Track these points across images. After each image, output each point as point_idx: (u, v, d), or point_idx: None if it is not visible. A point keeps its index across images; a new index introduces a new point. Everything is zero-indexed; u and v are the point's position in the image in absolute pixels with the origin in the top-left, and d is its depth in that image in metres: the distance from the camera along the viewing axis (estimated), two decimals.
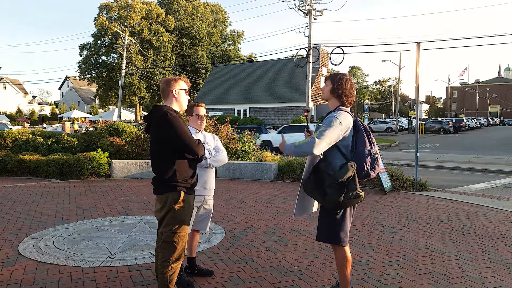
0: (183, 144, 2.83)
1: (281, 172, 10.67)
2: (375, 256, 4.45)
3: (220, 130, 12.04)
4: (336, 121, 2.96)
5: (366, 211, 6.65)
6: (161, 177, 2.90)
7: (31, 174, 10.72)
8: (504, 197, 8.39)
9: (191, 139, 2.86)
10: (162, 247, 2.93)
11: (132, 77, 44.44)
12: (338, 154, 3.02)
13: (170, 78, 3.10)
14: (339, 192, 2.94)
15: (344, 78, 3.13)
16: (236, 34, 62.95)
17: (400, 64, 41.60)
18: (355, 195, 2.96)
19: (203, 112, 3.64)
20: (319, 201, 3.08)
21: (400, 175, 9.13)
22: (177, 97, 3.04)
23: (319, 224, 3.18)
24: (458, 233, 5.41)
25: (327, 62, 36.05)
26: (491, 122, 63.42)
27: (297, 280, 3.74)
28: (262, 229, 5.50)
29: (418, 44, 9.23)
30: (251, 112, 36.89)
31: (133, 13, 46.85)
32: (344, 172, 2.92)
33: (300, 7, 24.55)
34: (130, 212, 6.44)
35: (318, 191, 3.03)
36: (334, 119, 2.97)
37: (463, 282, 3.74)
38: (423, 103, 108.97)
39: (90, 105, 67.36)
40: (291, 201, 7.45)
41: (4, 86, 62.52)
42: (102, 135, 12.36)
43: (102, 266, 4.00)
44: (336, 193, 2.94)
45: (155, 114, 2.92)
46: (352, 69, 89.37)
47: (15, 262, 4.14)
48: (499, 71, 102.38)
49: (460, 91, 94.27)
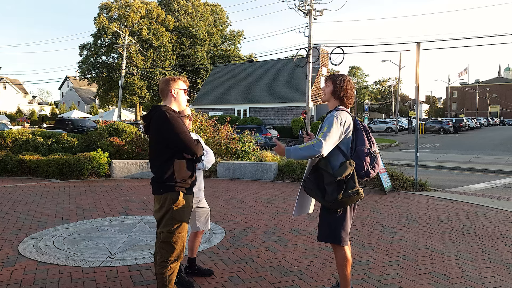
0: (182, 144, 2.83)
1: (281, 172, 10.67)
2: (375, 256, 4.45)
3: (220, 130, 12.04)
4: (337, 120, 2.99)
5: (366, 211, 6.65)
6: (160, 177, 2.90)
7: (31, 174, 10.72)
8: (504, 197, 8.39)
9: (190, 139, 2.86)
10: (161, 247, 2.92)
11: (133, 76, 44.43)
12: (338, 153, 3.04)
13: (169, 78, 3.10)
14: (338, 190, 2.96)
15: (345, 80, 3.16)
16: (236, 34, 62.92)
17: (400, 64, 41.60)
18: (354, 192, 2.97)
19: (189, 112, 3.67)
20: (318, 200, 3.08)
21: (400, 175, 9.14)
22: (176, 97, 3.04)
23: (320, 224, 3.18)
24: (458, 233, 5.41)
25: (327, 62, 36.04)
26: (491, 122, 63.43)
27: (297, 280, 3.74)
28: (262, 229, 5.50)
29: (418, 44, 9.24)
30: (251, 112, 36.88)
31: (133, 13, 46.85)
32: (343, 170, 2.94)
33: (300, 7, 24.54)
34: (130, 212, 6.44)
35: (317, 189, 3.04)
36: (335, 119, 2.99)
37: (463, 282, 3.74)
38: (423, 103, 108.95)
39: (90, 105, 67.35)
40: (291, 201, 7.45)
41: (4, 86, 62.50)
42: (102, 135, 12.36)
43: (102, 266, 4.00)
44: (335, 190, 2.96)
45: (154, 114, 2.92)
46: (352, 69, 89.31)
47: (15, 262, 4.14)
48: (499, 71, 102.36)
49: (460, 91, 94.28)
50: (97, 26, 46.27)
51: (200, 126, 11.64)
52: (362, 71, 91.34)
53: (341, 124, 2.99)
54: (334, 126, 2.96)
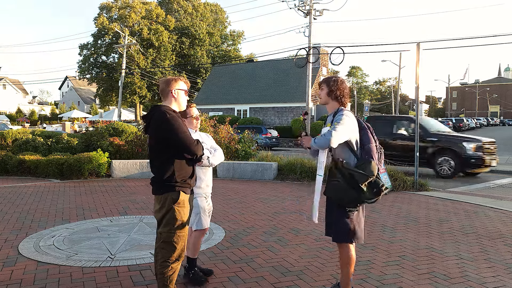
0: (182, 144, 2.83)
1: (281, 172, 10.67)
2: (375, 256, 4.45)
3: (220, 130, 12.04)
4: (347, 119, 3.07)
5: (366, 211, 6.61)
6: (160, 177, 2.90)
7: (31, 174, 10.72)
8: (504, 197, 8.39)
9: (190, 139, 2.85)
10: (161, 247, 2.92)
11: (133, 76, 44.41)
12: (350, 153, 3.12)
13: (169, 78, 3.10)
14: (375, 188, 3.03)
15: (338, 80, 3.26)
16: (236, 34, 62.92)
17: (400, 64, 41.57)
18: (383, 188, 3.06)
19: (197, 112, 3.69)
20: (350, 202, 3.05)
21: (400, 175, 9.14)
22: (176, 97, 3.03)
23: (336, 225, 3.14)
24: (458, 233, 5.41)
25: (327, 62, 36.03)
26: (491, 122, 63.46)
27: (297, 280, 3.74)
28: (262, 229, 5.50)
29: (418, 44, 9.24)
30: (251, 112, 36.89)
31: (133, 13, 46.85)
32: (373, 168, 3.01)
33: (300, 7, 24.54)
34: (130, 212, 6.44)
35: (352, 190, 3.02)
36: (344, 117, 3.08)
37: (463, 282, 3.74)
38: (423, 103, 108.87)
39: (90, 105, 67.36)
40: (291, 201, 7.45)
41: (4, 86, 62.52)
42: (102, 135, 12.36)
43: (102, 266, 4.00)
44: (372, 189, 3.02)
45: (154, 114, 2.92)
46: (352, 69, 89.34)
47: (15, 262, 4.14)
48: (499, 71, 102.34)
49: (460, 91, 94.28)
50: (97, 26, 46.28)
51: (200, 126, 11.63)
52: (362, 71, 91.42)
53: (350, 123, 3.08)
54: (346, 121, 3.06)
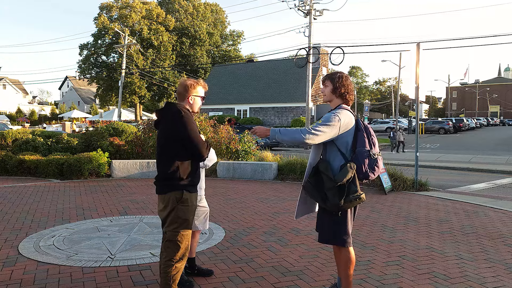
0: (194, 145, 2.85)
1: (281, 172, 10.67)
2: (375, 256, 4.45)
3: (220, 130, 12.04)
4: (335, 118, 2.94)
5: (366, 211, 6.65)
6: (164, 175, 2.91)
7: (31, 174, 10.71)
8: (504, 197, 8.39)
9: (201, 140, 2.89)
10: (166, 246, 2.94)
11: (133, 76, 44.40)
12: (338, 154, 3.00)
13: (188, 83, 3.09)
14: (339, 195, 2.89)
15: (343, 76, 3.12)
16: (236, 34, 62.92)
17: (400, 64, 41.54)
18: (356, 197, 2.90)
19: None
20: (320, 204, 3.05)
21: (400, 175, 9.14)
22: (192, 103, 3.11)
23: (320, 227, 3.14)
24: (458, 233, 5.41)
25: (327, 62, 36.06)
26: (491, 122, 63.42)
27: (297, 280, 3.74)
28: (262, 229, 5.50)
29: (418, 44, 9.24)
30: (251, 112, 36.90)
31: (133, 13, 46.83)
32: (344, 174, 2.87)
33: (300, 7, 24.56)
34: (130, 212, 6.44)
35: (318, 194, 2.98)
36: (333, 116, 2.96)
37: (463, 282, 3.74)
38: (423, 103, 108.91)
39: (90, 105, 67.32)
40: (291, 201, 7.45)
41: (4, 86, 62.48)
42: (102, 135, 12.36)
43: (102, 266, 4.00)
44: (336, 196, 2.89)
45: (168, 111, 2.93)
46: (352, 69, 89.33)
47: (15, 262, 4.14)
48: (499, 71, 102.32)
49: (460, 91, 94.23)
50: (97, 26, 46.25)
51: (200, 126, 11.65)
52: (362, 71, 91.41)
53: (339, 123, 2.93)
54: (330, 123, 2.92)
